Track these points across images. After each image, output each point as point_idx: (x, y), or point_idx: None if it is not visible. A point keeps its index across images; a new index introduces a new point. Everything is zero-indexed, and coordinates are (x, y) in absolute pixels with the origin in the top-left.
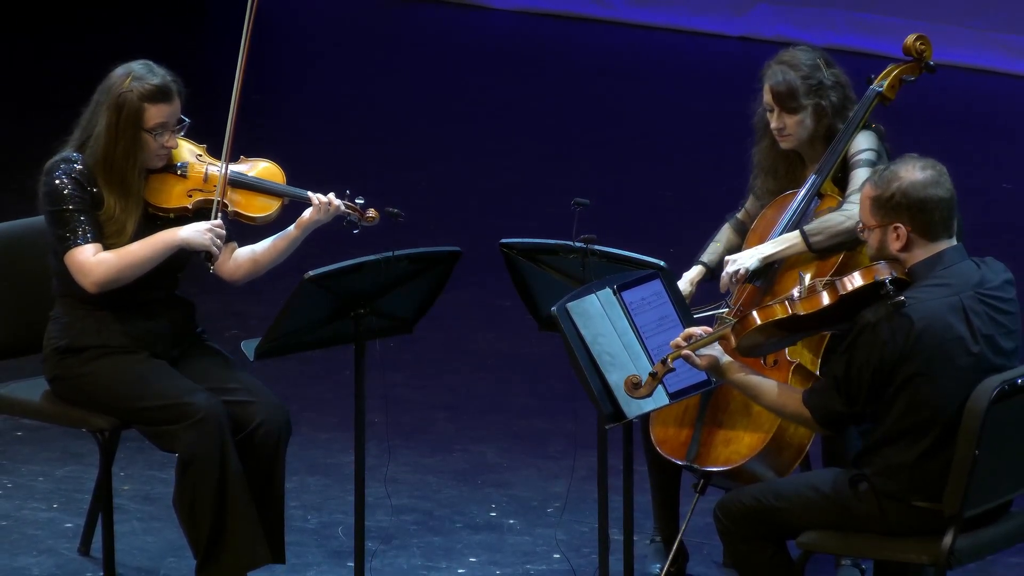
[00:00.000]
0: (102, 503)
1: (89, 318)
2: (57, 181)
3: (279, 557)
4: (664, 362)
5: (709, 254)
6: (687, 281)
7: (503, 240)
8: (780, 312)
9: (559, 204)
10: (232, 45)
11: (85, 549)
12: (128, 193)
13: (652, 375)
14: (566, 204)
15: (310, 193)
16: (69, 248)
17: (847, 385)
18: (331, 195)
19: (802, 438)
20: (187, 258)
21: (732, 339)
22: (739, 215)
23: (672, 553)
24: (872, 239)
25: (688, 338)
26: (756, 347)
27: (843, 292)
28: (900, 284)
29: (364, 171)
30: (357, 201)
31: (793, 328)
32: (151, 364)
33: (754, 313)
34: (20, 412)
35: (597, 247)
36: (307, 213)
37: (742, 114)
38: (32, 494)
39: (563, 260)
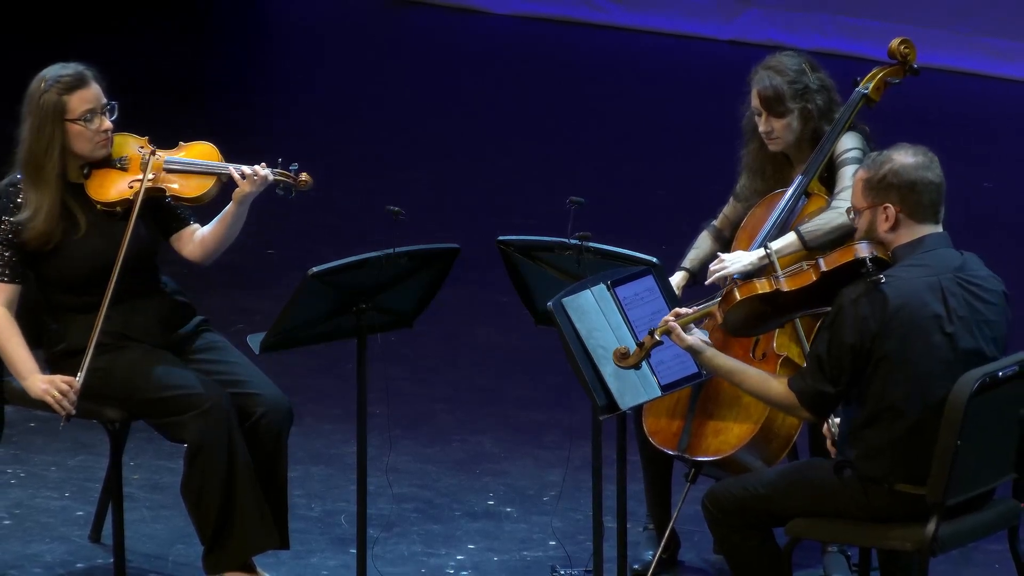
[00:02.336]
0: (112, 492)
1: (76, 322)
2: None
3: (284, 543)
4: (652, 334)
5: (691, 260)
6: (673, 286)
7: (500, 237)
8: (766, 287)
9: (555, 202)
10: (230, 51)
11: (96, 536)
12: (51, 184)
13: (640, 345)
14: (562, 202)
15: (237, 167)
16: None
17: (830, 363)
18: (257, 166)
19: (790, 429)
20: (155, 250)
21: (718, 315)
22: (716, 223)
23: (664, 540)
24: (861, 221)
25: (676, 316)
26: (741, 324)
27: (825, 269)
28: (880, 263)
29: (365, 171)
30: (291, 168)
31: (777, 305)
32: (156, 356)
33: (738, 287)
34: (33, 404)
35: (592, 244)
36: (240, 186)
37: (732, 115)
38: (45, 483)
39: (559, 257)
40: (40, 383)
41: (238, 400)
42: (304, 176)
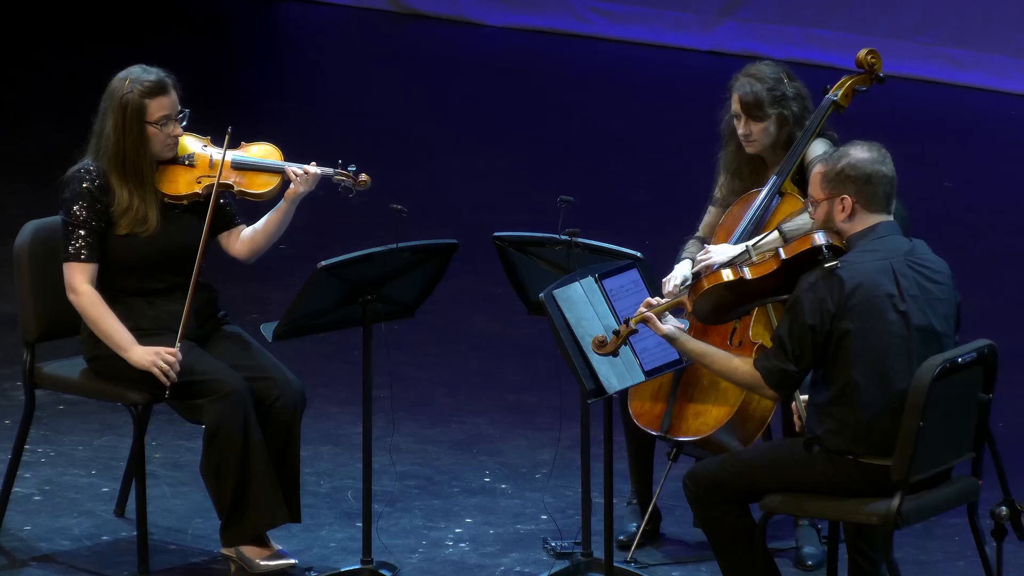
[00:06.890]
0: (136, 470)
1: (119, 305)
2: (72, 192)
3: (295, 517)
4: (627, 323)
5: (689, 253)
6: (689, 267)
7: (496, 233)
8: (731, 275)
9: (546, 201)
10: (252, 60)
11: (120, 511)
12: (143, 184)
13: (616, 333)
14: (552, 201)
15: (292, 166)
16: (65, 259)
17: (791, 344)
18: (307, 166)
19: (764, 411)
20: (205, 248)
21: (688, 304)
22: (699, 233)
23: (647, 514)
24: (819, 211)
25: (649, 306)
26: (710, 311)
27: (785, 257)
28: (836, 251)
29: (368, 172)
30: (350, 168)
31: (742, 293)
32: (180, 345)
33: (705, 276)
34: (62, 388)
35: (580, 239)
36: (292, 185)
37: (710, 121)
38: (73, 461)
39: (550, 251)
40: (146, 354)
41: (255, 385)
42: (363, 176)
